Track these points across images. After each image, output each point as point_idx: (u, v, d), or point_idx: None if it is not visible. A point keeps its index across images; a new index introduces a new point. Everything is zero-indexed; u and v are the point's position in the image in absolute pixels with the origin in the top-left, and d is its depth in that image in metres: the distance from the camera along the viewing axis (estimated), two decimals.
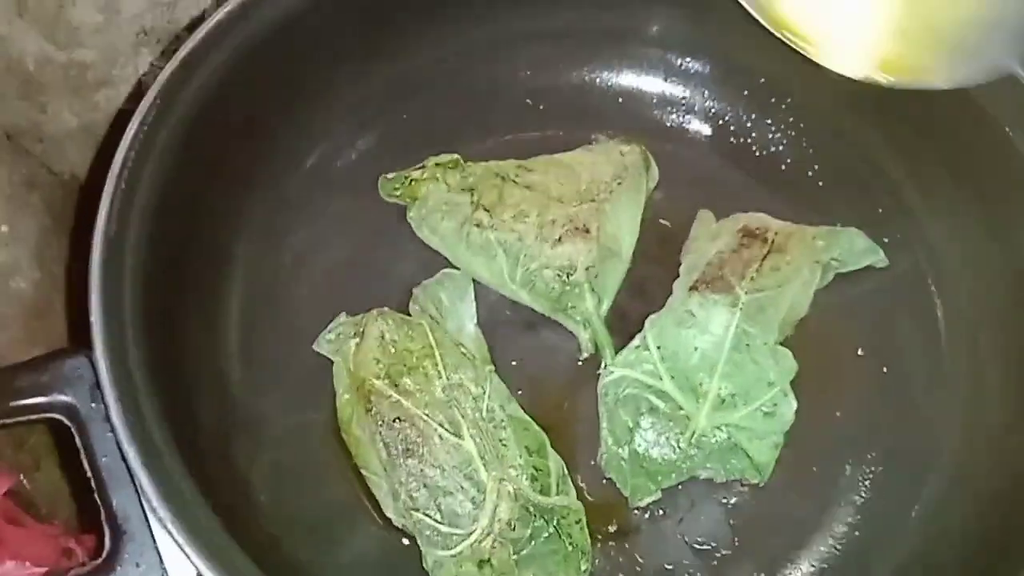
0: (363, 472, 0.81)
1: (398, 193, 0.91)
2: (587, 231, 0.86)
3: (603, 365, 0.85)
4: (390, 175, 0.91)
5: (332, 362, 0.84)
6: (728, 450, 0.83)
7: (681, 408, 0.83)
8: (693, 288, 0.85)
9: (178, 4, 0.97)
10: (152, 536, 0.67)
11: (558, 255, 0.86)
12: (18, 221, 1.00)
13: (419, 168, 0.91)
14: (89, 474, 0.68)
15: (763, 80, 0.94)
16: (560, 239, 0.86)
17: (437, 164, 0.90)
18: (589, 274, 0.86)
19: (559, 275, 0.86)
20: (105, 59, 1.00)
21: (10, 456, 0.97)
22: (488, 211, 0.87)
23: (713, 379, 0.82)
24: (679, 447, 0.83)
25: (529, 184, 0.89)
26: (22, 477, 0.98)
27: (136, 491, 0.66)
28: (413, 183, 0.90)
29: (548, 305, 0.87)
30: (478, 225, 0.87)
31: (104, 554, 0.67)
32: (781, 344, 0.85)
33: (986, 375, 0.85)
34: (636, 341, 0.84)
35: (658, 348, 0.83)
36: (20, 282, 0.99)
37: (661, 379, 0.83)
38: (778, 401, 0.82)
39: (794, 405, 0.83)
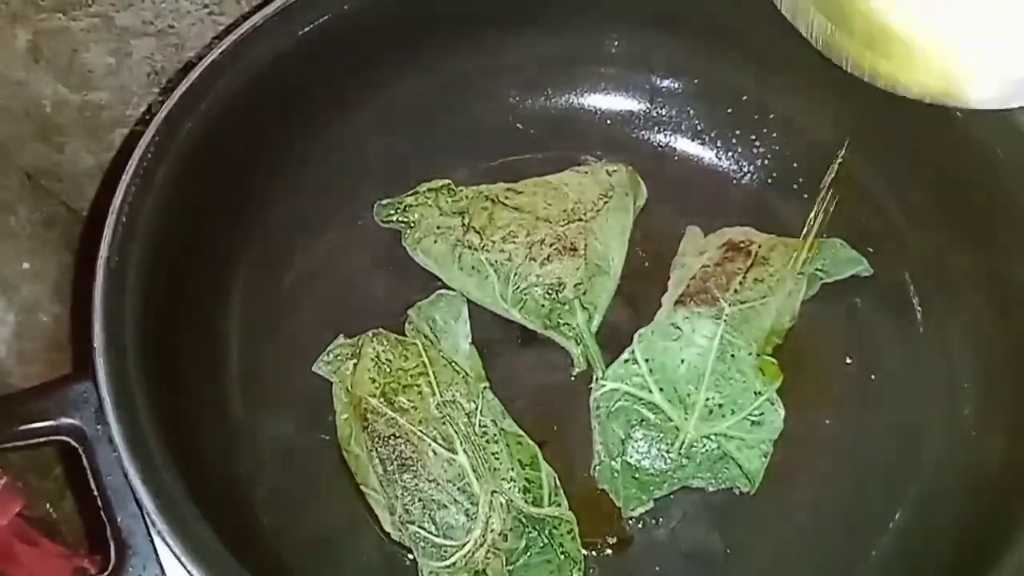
0: (363, 488, 0.83)
1: (393, 218, 0.94)
2: (575, 250, 0.89)
3: (594, 379, 0.87)
4: (384, 201, 0.94)
5: (331, 383, 0.87)
6: (718, 459, 0.84)
7: (670, 419, 0.84)
8: (679, 302, 0.87)
9: (186, 44, 1.01)
10: (155, 551, 0.70)
11: (547, 273, 0.88)
12: (39, 258, 1.05)
13: (412, 194, 0.94)
14: (96, 493, 0.71)
15: (746, 98, 0.96)
16: (548, 258, 0.88)
17: (429, 189, 0.94)
18: (578, 291, 0.88)
19: (548, 293, 0.88)
20: (119, 100, 1.05)
21: (37, 484, 1.01)
22: (479, 233, 0.90)
23: (700, 390, 0.84)
24: (670, 457, 0.84)
25: (518, 206, 0.91)
26: (48, 506, 1.02)
27: (139, 509, 0.69)
28: (407, 208, 0.94)
29: (539, 322, 0.89)
30: (469, 247, 0.90)
31: (109, 569, 0.70)
32: (769, 355, 0.87)
33: (961, 380, 0.86)
34: (625, 355, 0.86)
35: (646, 361, 0.85)
36: (42, 316, 1.04)
37: (650, 391, 0.85)
38: (765, 410, 0.84)
39: (782, 413, 0.84)
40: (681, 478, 0.85)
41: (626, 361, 0.86)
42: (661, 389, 0.85)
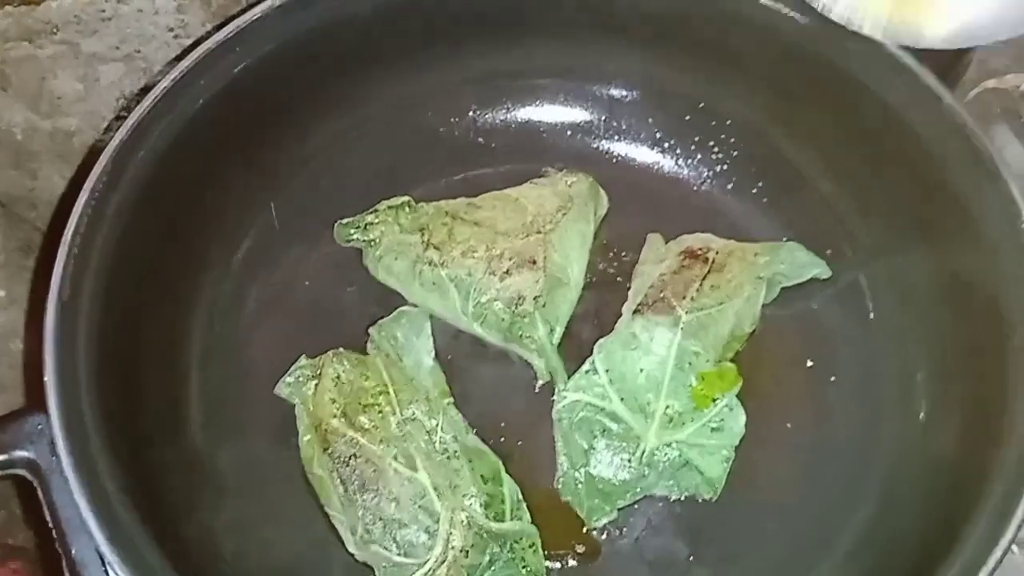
0: (327, 511, 0.83)
1: (354, 237, 0.94)
2: (533, 262, 0.89)
3: (556, 391, 0.88)
4: (345, 220, 0.95)
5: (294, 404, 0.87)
6: (680, 467, 0.85)
7: (632, 428, 0.85)
8: (637, 311, 0.87)
9: (153, 68, 1.01)
10: None
11: (507, 287, 0.88)
12: (15, 285, 1.05)
13: (372, 211, 0.94)
14: (51, 525, 0.72)
15: (702, 105, 0.96)
16: (508, 272, 0.88)
17: (389, 207, 0.94)
18: (537, 303, 0.88)
19: (508, 306, 0.88)
20: (89, 125, 1.05)
21: (20, 515, 1.02)
22: (438, 249, 0.90)
23: (660, 398, 0.84)
24: (632, 467, 0.84)
25: (477, 220, 0.92)
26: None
27: (92, 540, 0.70)
28: (367, 227, 0.94)
29: (500, 336, 0.89)
30: (430, 263, 0.90)
31: None
32: (731, 360, 0.87)
33: (915, 376, 0.86)
34: (586, 366, 0.86)
35: (607, 371, 0.85)
36: (18, 344, 1.04)
37: (611, 400, 0.85)
38: (725, 416, 0.84)
39: (742, 418, 0.84)
40: (644, 487, 0.85)
41: (587, 372, 0.86)
42: (622, 399, 0.85)
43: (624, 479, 0.85)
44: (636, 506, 0.86)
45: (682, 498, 0.85)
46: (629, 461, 0.85)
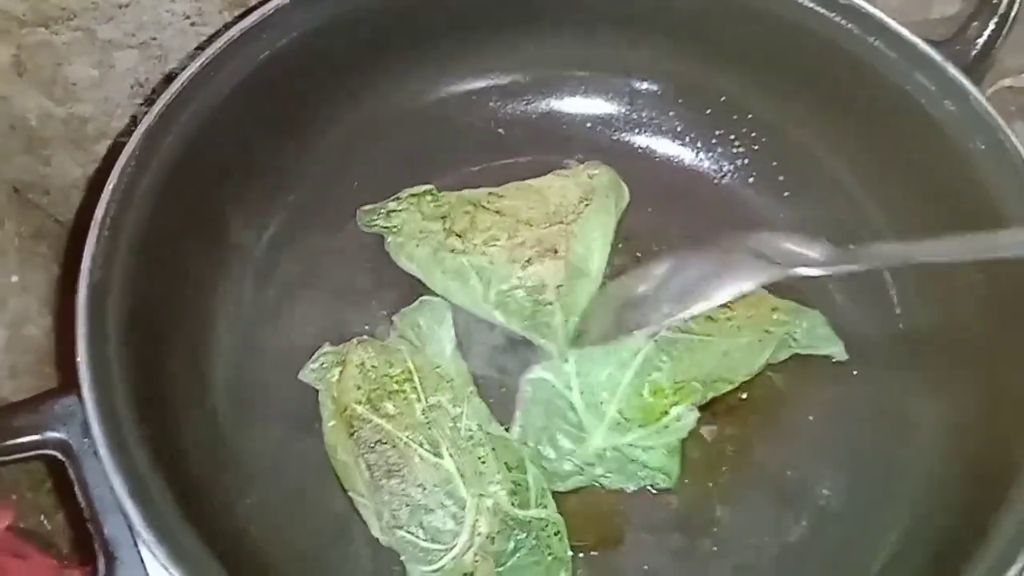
0: (351, 495, 0.84)
1: (376, 223, 0.94)
2: (556, 251, 0.89)
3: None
4: (367, 207, 0.95)
5: (317, 391, 0.87)
6: (627, 463, 0.85)
7: (582, 423, 0.85)
8: None
9: (169, 56, 1.01)
10: (142, 561, 0.71)
11: (529, 276, 0.88)
12: (28, 271, 1.05)
13: (394, 199, 0.94)
14: (83, 505, 0.72)
15: (724, 99, 0.97)
16: (530, 260, 0.89)
17: (412, 195, 0.94)
18: (559, 293, 0.88)
19: (530, 295, 0.88)
20: (103, 112, 1.05)
21: (31, 497, 1.02)
22: (460, 236, 0.90)
23: (612, 400, 0.85)
24: (575, 461, 0.85)
25: (499, 209, 0.92)
26: (43, 517, 1.02)
27: (126, 519, 0.69)
28: (390, 214, 0.94)
29: (520, 324, 0.89)
30: (451, 251, 0.90)
31: None
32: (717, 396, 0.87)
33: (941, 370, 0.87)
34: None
35: (575, 361, 0.86)
36: (32, 329, 1.04)
37: (572, 391, 0.86)
38: (671, 424, 0.84)
39: (694, 416, 0.85)
40: (587, 479, 0.86)
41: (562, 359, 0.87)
42: (581, 392, 0.85)
43: (567, 470, 0.85)
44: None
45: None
46: (573, 455, 0.85)
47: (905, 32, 0.83)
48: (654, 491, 0.85)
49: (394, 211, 0.94)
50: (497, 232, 0.90)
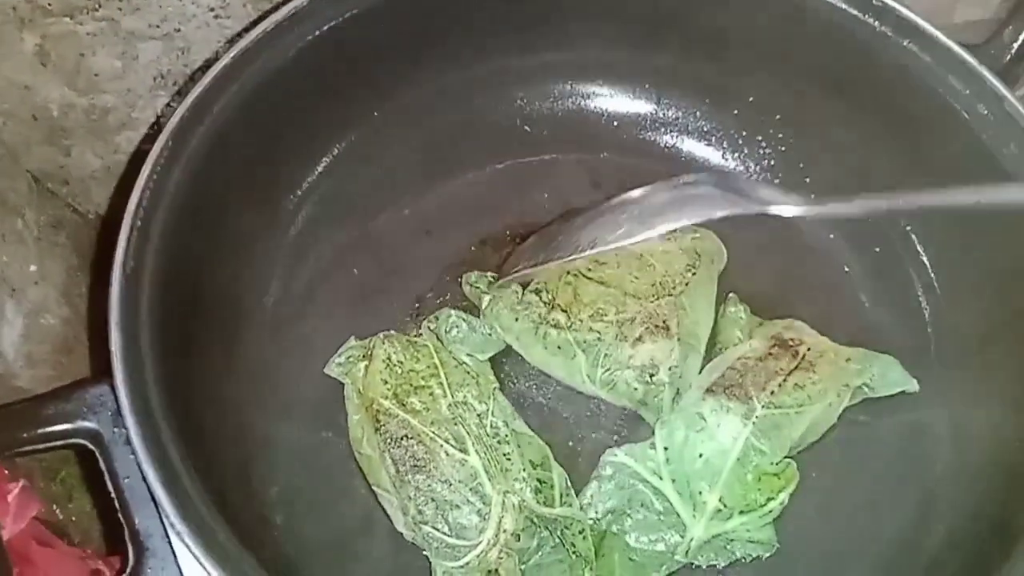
0: (375, 489, 0.84)
1: (479, 288, 0.92)
2: (667, 328, 0.85)
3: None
4: (473, 276, 0.93)
5: (343, 385, 0.87)
6: (725, 544, 0.83)
7: (678, 514, 0.82)
8: (710, 390, 0.84)
9: (192, 48, 1.01)
10: (173, 552, 0.71)
11: (639, 355, 0.85)
12: (47, 260, 1.04)
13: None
14: (113, 495, 0.72)
15: (751, 99, 0.97)
16: (640, 338, 0.85)
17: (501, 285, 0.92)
18: (673, 374, 0.85)
19: (641, 376, 0.85)
20: (125, 103, 1.05)
21: (43, 488, 1.02)
22: (565, 311, 0.87)
23: (714, 489, 0.81)
24: (668, 549, 0.83)
25: (603, 279, 0.88)
26: (55, 507, 1.02)
27: (156, 510, 0.70)
28: (490, 283, 0.92)
29: (629, 403, 0.87)
30: (555, 325, 0.87)
31: (128, 570, 0.70)
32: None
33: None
34: (649, 441, 0.84)
35: (665, 449, 0.83)
36: (50, 319, 1.03)
37: (662, 479, 0.82)
38: (773, 508, 0.82)
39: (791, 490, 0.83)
40: (681, 561, 0.83)
41: (647, 446, 0.84)
42: (673, 480, 0.82)
43: (660, 551, 0.83)
44: None
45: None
46: (665, 540, 0.82)
47: (940, 35, 0.83)
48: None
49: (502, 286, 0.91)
50: (604, 306, 0.86)
